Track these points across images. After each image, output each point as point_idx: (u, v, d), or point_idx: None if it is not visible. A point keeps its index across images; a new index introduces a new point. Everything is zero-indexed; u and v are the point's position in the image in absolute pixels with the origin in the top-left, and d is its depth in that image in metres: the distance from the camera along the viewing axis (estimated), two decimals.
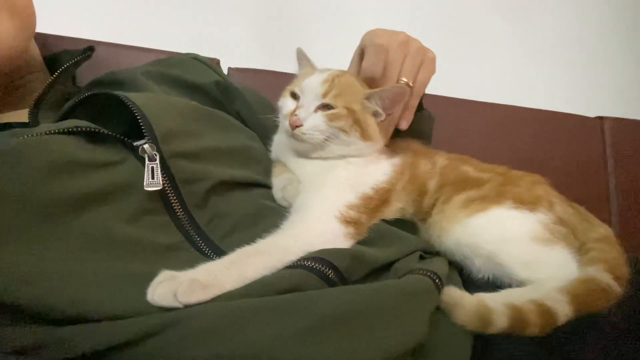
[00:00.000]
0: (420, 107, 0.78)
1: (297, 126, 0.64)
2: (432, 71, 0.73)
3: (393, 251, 0.57)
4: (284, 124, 0.68)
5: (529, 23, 1.61)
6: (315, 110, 0.65)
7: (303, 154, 0.68)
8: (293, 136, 0.65)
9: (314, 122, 0.64)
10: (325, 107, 0.66)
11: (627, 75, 1.67)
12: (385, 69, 0.69)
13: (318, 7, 1.42)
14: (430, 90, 0.73)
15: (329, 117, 0.64)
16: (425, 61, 0.72)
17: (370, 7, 1.44)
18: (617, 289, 0.53)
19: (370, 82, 0.70)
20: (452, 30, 1.54)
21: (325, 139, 0.65)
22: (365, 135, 0.66)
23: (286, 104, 0.69)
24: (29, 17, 0.69)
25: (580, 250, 0.60)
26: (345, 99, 0.65)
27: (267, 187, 0.67)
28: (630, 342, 0.50)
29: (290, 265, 0.50)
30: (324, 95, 0.65)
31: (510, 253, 0.58)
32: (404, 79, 0.70)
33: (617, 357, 0.49)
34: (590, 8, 1.67)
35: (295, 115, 0.65)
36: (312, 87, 0.66)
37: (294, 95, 0.69)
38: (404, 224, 0.66)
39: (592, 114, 1.42)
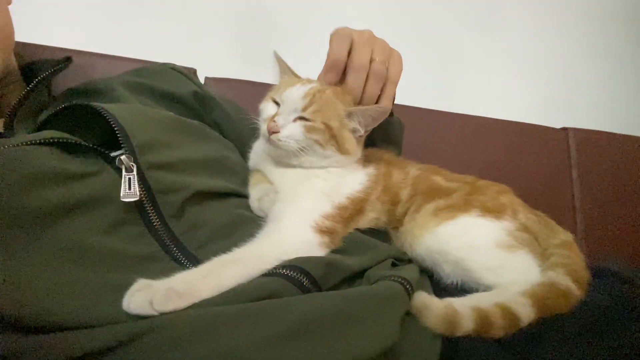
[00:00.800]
0: (390, 114, 0.80)
1: (274, 132, 0.65)
2: (401, 68, 0.72)
3: (366, 259, 0.59)
4: (262, 127, 0.68)
5: (500, 38, 1.67)
6: (294, 120, 0.66)
7: (278, 161, 0.69)
8: (269, 141, 0.66)
9: (291, 131, 0.65)
10: (304, 119, 0.66)
11: (591, 89, 1.76)
12: (352, 60, 0.69)
13: (297, 18, 1.44)
14: (405, 101, 0.75)
15: (307, 129, 0.65)
16: (392, 57, 0.72)
17: (350, 21, 1.45)
18: (576, 292, 0.56)
19: (337, 71, 0.69)
20: (427, 44, 1.58)
21: (300, 149, 0.65)
22: (342, 150, 0.67)
23: (267, 108, 0.70)
24: (8, 36, 0.70)
25: (543, 255, 0.63)
26: (324, 115, 0.66)
27: (244, 196, 0.67)
28: (589, 343, 0.52)
29: (265, 274, 0.51)
30: (304, 109, 0.66)
31: (477, 259, 0.60)
32: None
33: (576, 357, 0.51)
34: (556, 24, 1.75)
35: (274, 121, 0.65)
36: (293, 99, 0.67)
37: (276, 102, 0.70)
38: (377, 232, 0.67)
39: (557, 125, 1.47)
